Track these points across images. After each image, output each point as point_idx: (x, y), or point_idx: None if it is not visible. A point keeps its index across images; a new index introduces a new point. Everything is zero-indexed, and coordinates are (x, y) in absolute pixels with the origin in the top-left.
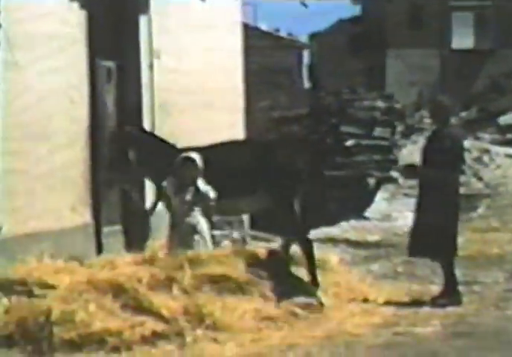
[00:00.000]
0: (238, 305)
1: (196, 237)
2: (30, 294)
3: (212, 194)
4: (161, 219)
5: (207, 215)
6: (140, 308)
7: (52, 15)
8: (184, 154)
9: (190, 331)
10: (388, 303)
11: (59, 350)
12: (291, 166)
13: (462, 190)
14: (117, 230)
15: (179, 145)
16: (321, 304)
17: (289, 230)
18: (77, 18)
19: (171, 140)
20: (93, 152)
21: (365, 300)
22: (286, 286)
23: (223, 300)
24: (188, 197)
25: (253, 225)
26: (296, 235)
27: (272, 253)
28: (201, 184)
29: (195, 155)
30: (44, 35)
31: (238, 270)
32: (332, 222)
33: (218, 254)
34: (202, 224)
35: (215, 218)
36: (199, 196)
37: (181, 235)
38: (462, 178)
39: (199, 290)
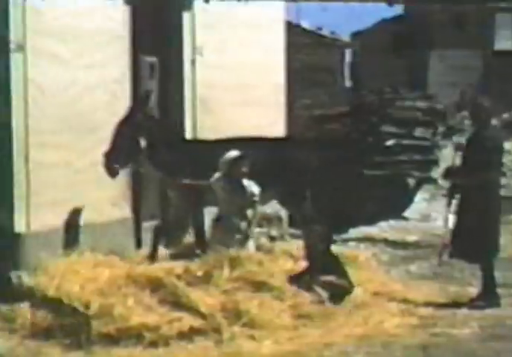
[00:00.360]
0: (275, 302)
1: (239, 235)
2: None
3: (257, 190)
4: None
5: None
6: (177, 303)
7: (97, 11)
8: (236, 152)
9: (228, 327)
10: (425, 303)
11: (96, 344)
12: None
13: (502, 192)
14: None
15: None
16: (351, 286)
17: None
18: (121, 14)
19: (213, 137)
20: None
21: (403, 301)
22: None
23: (260, 298)
24: (237, 194)
25: (292, 223)
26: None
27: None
28: (246, 181)
29: (243, 153)
30: (89, 30)
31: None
32: (371, 221)
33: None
34: (252, 218)
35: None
36: (246, 193)
37: (226, 231)
38: (503, 181)
39: (236, 287)
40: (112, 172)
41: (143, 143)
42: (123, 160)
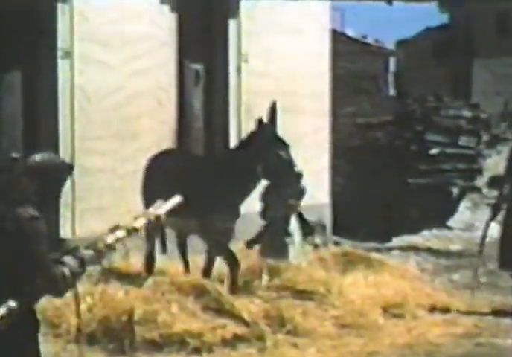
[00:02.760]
0: (318, 311)
1: (288, 240)
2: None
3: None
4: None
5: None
6: (221, 310)
7: (143, 17)
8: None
9: (271, 335)
10: (469, 313)
11: (140, 350)
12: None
13: None
14: None
15: None
16: None
17: None
18: (167, 21)
19: None
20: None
21: (447, 310)
22: None
23: (304, 306)
24: (283, 197)
25: (335, 231)
26: None
27: None
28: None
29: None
30: (135, 36)
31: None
32: (414, 230)
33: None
34: (294, 226)
35: None
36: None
37: (274, 236)
38: None
39: (279, 295)
40: None
41: None
42: None
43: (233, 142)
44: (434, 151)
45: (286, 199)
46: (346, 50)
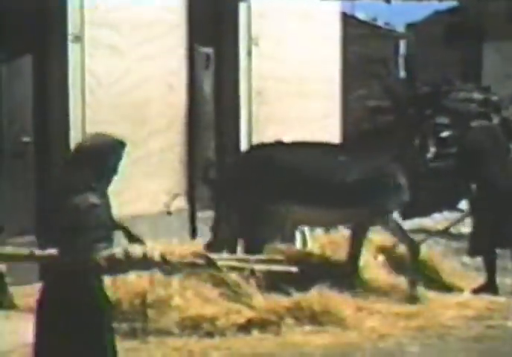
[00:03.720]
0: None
1: (298, 231)
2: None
3: None
4: None
5: None
6: (237, 300)
7: (153, 1)
8: (277, 140)
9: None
10: (481, 296)
11: (152, 333)
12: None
13: None
14: (211, 217)
15: (275, 133)
16: None
17: None
18: (177, 5)
19: (267, 128)
20: (190, 137)
21: (459, 293)
22: None
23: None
24: None
25: None
26: None
27: None
28: None
29: None
30: (145, 20)
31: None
32: (425, 212)
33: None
34: None
35: None
36: None
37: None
38: None
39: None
40: None
41: None
42: None
43: (243, 126)
44: (444, 134)
45: None
46: (356, 33)
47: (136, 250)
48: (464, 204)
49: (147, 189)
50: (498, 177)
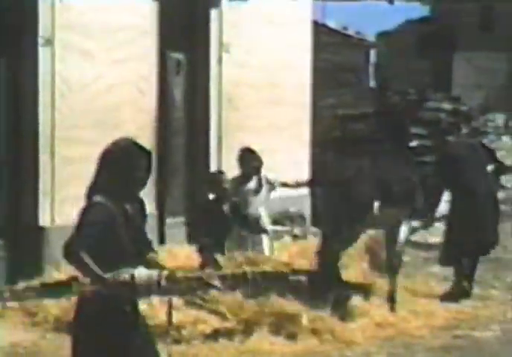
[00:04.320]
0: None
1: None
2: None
3: (276, 183)
4: None
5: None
6: (205, 307)
7: (125, 6)
8: (243, 147)
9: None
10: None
11: None
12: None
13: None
14: (180, 222)
15: (245, 140)
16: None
17: None
18: (149, 10)
19: (237, 134)
20: (159, 142)
21: (427, 302)
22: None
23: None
24: (252, 186)
25: (314, 222)
26: None
27: None
28: (263, 174)
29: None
30: (116, 25)
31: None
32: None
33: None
34: (264, 216)
35: (277, 213)
36: (262, 185)
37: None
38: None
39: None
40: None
41: None
42: None
43: (213, 132)
44: (414, 143)
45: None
46: (327, 41)
47: (142, 273)
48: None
49: None
50: (478, 185)
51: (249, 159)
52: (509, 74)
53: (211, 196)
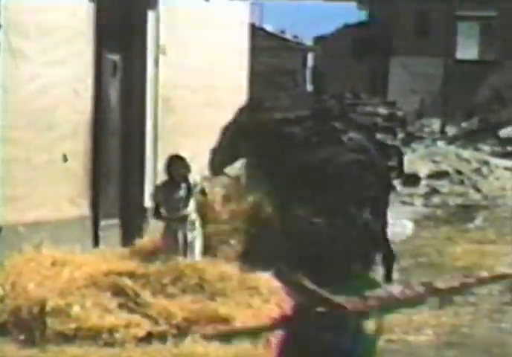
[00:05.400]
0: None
1: (194, 234)
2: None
3: (203, 189)
4: None
5: (198, 210)
6: (137, 310)
7: (61, 7)
8: (173, 153)
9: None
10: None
11: (51, 342)
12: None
13: (460, 201)
14: (114, 224)
15: (181, 142)
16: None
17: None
18: (85, 11)
19: (173, 137)
20: (95, 144)
21: None
22: None
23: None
24: (181, 194)
25: None
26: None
27: None
28: (192, 180)
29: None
30: (52, 25)
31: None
32: None
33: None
34: (196, 220)
35: None
36: (191, 192)
37: (176, 232)
38: (460, 189)
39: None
40: (216, 172)
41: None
42: (228, 161)
43: (149, 134)
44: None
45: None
46: (264, 45)
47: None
48: None
49: (50, 195)
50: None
51: (178, 166)
52: (444, 80)
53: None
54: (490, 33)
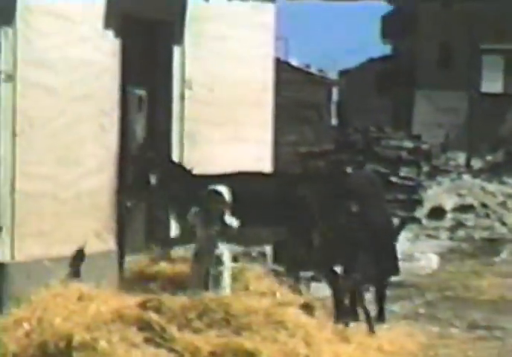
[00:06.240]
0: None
1: (220, 269)
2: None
3: (235, 225)
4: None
5: (229, 246)
6: (163, 345)
7: (87, 42)
8: (212, 186)
9: None
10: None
11: None
12: (309, 201)
13: (485, 234)
14: (140, 259)
15: None
16: None
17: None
18: (111, 46)
19: (199, 171)
20: (120, 179)
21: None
22: None
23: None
24: (215, 229)
25: (276, 259)
26: (316, 268)
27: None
28: (227, 216)
29: (222, 188)
30: (78, 61)
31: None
32: None
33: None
34: (226, 256)
35: (238, 250)
36: (225, 228)
37: (205, 266)
38: (486, 222)
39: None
40: (125, 209)
41: (153, 179)
42: (135, 196)
43: None
44: None
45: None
46: (289, 79)
47: None
48: None
49: (76, 230)
50: (376, 218)
51: (214, 200)
52: (469, 113)
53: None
54: None
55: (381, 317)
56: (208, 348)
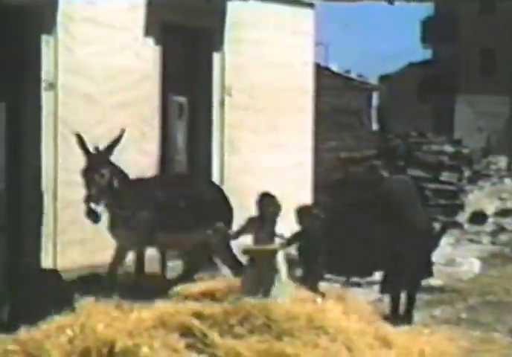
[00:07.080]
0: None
1: (276, 274)
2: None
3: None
4: None
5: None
6: (205, 351)
7: (127, 50)
8: (264, 191)
9: None
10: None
11: None
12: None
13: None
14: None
15: (247, 183)
16: None
17: None
18: (151, 54)
19: (239, 178)
20: None
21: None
22: None
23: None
24: (268, 232)
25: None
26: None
27: None
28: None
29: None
30: (119, 69)
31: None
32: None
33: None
34: (280, 258)
35: None
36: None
37: (260, 271)
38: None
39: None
40: (93, 218)
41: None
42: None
43: (215, 175)
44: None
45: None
46: (329, 84)
47: None
48: (433, 257)
49: None
50: (414, 220)
51: (268, 204)
52: (510, 117)
53: None
54: None
55: (409, 319)
56: (250, 354)
